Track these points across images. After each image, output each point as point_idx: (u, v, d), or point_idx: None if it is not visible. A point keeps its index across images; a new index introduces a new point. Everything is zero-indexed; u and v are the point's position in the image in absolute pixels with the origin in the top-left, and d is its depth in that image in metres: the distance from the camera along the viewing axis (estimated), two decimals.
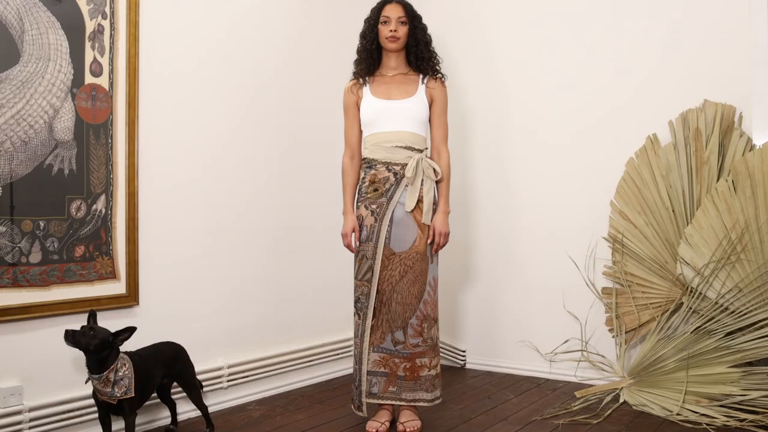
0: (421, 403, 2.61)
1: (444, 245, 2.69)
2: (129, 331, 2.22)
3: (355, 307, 2.63)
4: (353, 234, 2.65)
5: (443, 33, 3.78)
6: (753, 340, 2.72)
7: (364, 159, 2.71)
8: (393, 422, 2.66)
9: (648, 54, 3.16)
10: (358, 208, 2.67)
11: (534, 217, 3.50)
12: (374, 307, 2.58)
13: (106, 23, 2.52)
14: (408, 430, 2.57)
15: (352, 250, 2.67)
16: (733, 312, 2.78)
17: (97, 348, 2.13)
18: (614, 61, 3.26)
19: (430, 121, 2.72)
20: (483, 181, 3.68)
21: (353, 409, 2.66)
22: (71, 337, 2.12)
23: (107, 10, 2.53)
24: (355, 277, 2.64)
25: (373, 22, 2.70)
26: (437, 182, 2.67)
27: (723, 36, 2.97)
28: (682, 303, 2.92)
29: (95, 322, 2.19)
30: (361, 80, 2.73)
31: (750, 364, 2.76)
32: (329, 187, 3.50)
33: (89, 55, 2.47)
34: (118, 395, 2.16)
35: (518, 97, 3.55)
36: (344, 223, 2.69)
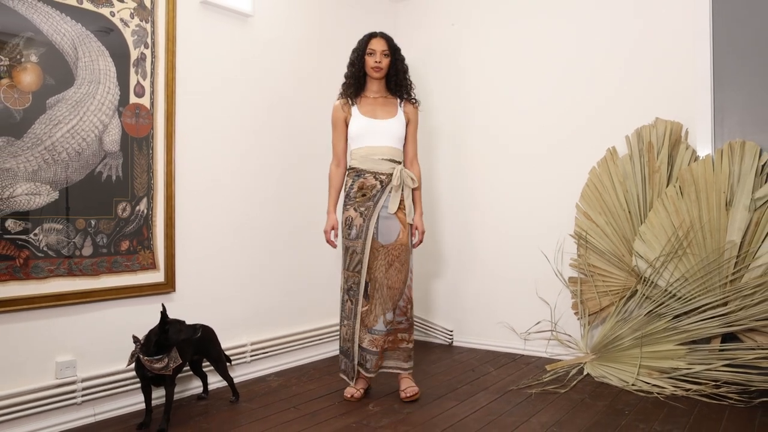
0: (397, 371, 2.67)
1: (422, 241, 2.76)
2: (164, 311, 2.24)
3: (347, 294, 2.63)
4: (332, 231, 2.68)
5: (423, 58, 3.80)
6: (696, 322, 2.73)
7: (352, 168, 2.67)
8: (367, 390, 2.71)
9: (608, 80, 3.17)
10: (347, 210, 2.64)
11: (512, 218, 3.51)
12: (368, 293, 2.59)
13: (147, 52, 2.53)
14: (408, 395, 2.58)
15: (333, 245, 2.70)
16: (680, 298, 2.79)
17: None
18: (579, 86, 3.26)
19: (405, 138, 2.74)
20: (475, 188, 3.69)
21: (347, 379, 2.68)
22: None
23: (149, 40, 2.54)
24: (347, 269, 2.63)
25: (360, 53, 2.69)
26: (414, 189, 2.70)
27: (672, 64, 2.99)
28: (637, 290, 2.93)
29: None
30: (349, 100, 2.71)
31: (694, 342, 2.77)
32: None
33: (133, 79, 2.48)
34: (173, 366, 2.21)
35: (502, 119, 3.57)
36: (327, 221, 2.70)
